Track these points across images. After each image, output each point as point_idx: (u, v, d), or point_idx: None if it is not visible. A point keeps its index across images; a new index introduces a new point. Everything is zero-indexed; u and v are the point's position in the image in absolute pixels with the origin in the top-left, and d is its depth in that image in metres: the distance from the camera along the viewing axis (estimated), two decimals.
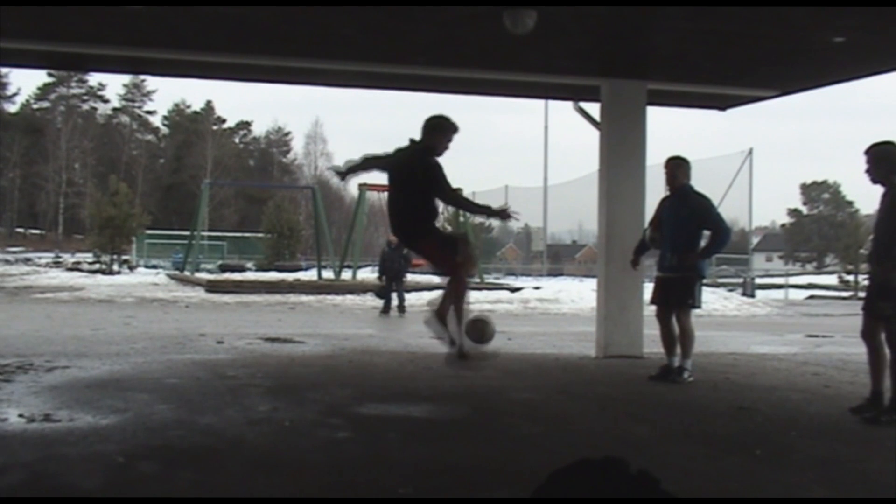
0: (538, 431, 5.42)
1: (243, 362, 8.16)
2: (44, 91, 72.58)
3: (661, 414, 6.11)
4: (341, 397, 6.37)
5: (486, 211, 6.70)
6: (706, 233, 7.54)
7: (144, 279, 26.03)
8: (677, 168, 7.64)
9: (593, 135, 9.72)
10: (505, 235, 45.09)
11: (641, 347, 9.26)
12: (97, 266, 30.49)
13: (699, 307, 7.77)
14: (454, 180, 6.30)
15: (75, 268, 31.11)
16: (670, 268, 7.50)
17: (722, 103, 10.73)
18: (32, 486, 3.91)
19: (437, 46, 8.25)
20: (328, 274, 25.53)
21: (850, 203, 60.67)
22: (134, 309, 16.37)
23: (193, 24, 7.65)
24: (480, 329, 6.21)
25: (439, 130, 6.22)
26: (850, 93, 69.97)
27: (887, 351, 5.67)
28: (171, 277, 26.30)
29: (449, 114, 6.29)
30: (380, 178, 6.71)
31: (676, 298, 7.49)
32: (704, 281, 7.83)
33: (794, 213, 71.23)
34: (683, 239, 7.44)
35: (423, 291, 20.47)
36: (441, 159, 6.22)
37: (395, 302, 16.60)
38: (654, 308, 7.69)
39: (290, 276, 24.97)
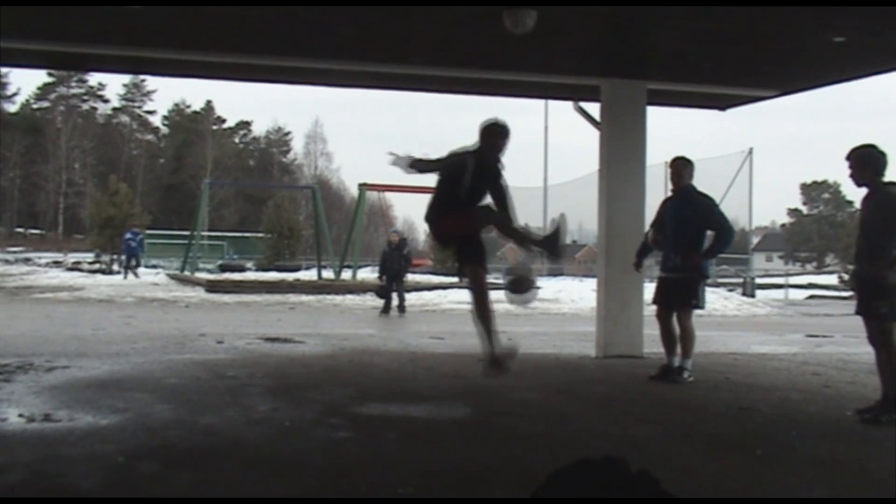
0: (538, 431, 5.42)
1: (243, 362, 8.16)
2: (44, 91, 72.51)
3: (661, 414, 6.11)
4: (341, 397, 6.37)
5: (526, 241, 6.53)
6: (709, 233, 7.55)
7: (144, 279, 26.01)
8: (683, 168, 7.64)
9: (593, 135, 9.72)
10: None
11: (641, 347, 9.26)
12: (97, 266, 30.48)
13: (702, 307, 7.77)
14: None
15: (75, 268, 31.06)
16: (674, 268, 7.50)
17: (722, 103, 10.73)
18: (32, 486, 3.91)
19: (437, 46, 8.25)
20: (328, 274, 25.53)
21: (850, 203, 60.62)
22: (134, 309, 16.37)
23: (194, 24, 7.65)
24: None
25: (486, 136, 6.32)
26: (850, 93, 69.90)
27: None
28: (172, 277, 26.30)
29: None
30: (380, 178, 6.75)
31: (679, 298, 7.50)
32: (706, 281, 7.83)
33: (794, 213, 71.29)
34: (687, 239, 7.44)
35: (423, 291, 20.51)
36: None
37: (395, 302, 16.60)
38: (653, 308, 7.70)
39: (290, 276, 24.96)
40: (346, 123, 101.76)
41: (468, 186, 6.16)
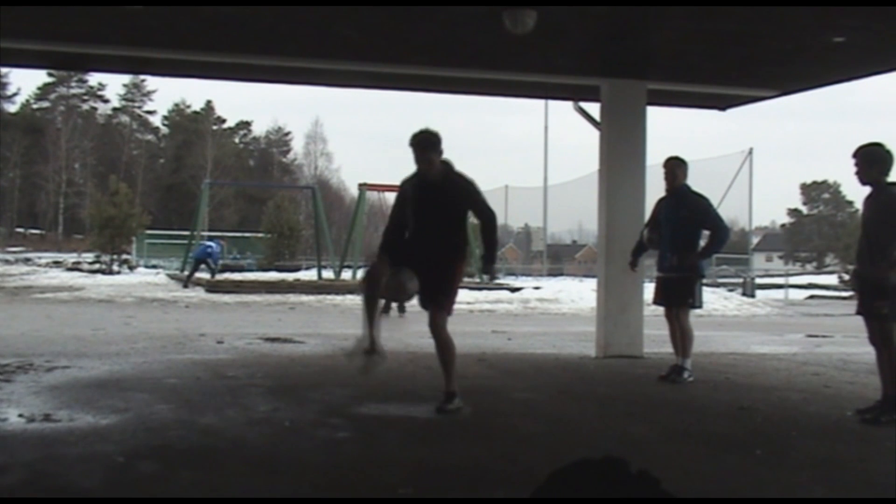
0: (538, 431, 5.42)
1: (243, 362, 8.16)
2: (44, 91, 72.46)
3: (661, 414, 6.11)
4: (341, 397, 6.37)
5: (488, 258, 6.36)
6: (705, 232, 7.56)
7: (144, 279, 26.00)
8: (678, 167, 7.66)
9: (593, 135, 9.72)
10: (505, 235, 45.22)
11: (641, 347, 9.26)
12: (97, 266, 30.46)
13: (700, 307, 7.78)
14: None
15: (75, 268, 31.04)
16: (670, 268, 7.51)
17: (722, 103, 10.74)
18: (32, 486, 3.91)
19: (437, 46, 8.25)
20: (328, 274, 25.52)
21: (850, 203, 60.58)
22: (134, 309, 16.37)
23: (193, 24, 7.65)
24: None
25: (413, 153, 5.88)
26: (850, 93, 69.68)
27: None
28: (171, 277, 26.29)
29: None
30: (380, 178, 6.67)
31: (677, 298, 7.51)
32: (704, 280, 7.84)
33: (794, 213, 71.23)
34: (683, 239, 7.45)
35: None
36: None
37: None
38: (660, 308, 7.71)
39: (290, 276, 24.96)
40: (346, 123, 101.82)
41: (413, 210, 5.84)
